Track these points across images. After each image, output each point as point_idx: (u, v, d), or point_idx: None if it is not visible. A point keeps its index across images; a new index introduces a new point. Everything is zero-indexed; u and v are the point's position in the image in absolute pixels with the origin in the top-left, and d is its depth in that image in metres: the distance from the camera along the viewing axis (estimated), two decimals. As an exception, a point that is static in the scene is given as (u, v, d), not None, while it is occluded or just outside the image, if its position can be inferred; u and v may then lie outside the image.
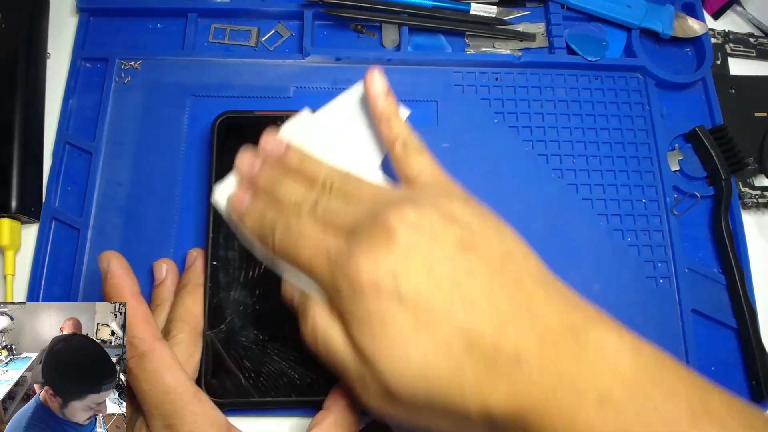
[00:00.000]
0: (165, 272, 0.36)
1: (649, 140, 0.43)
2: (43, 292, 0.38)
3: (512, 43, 0.45)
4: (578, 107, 0.44)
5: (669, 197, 0.42)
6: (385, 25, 0.45)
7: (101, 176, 0.40)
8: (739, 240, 0.41)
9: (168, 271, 0.36)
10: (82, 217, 0.39)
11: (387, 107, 0.33)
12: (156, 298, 0.35)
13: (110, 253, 0.31)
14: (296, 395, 0.34)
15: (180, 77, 0.43)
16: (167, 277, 0.36)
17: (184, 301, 0.34)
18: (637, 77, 0.45)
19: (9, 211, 0.38)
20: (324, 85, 0.43)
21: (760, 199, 0.43)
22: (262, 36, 0.45)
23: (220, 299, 0.35)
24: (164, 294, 0.35)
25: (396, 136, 0.32)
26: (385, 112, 0.33)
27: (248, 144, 0.38)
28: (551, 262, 0.39)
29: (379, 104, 0.33)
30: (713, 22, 0.49)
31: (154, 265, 0.36)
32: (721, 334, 0.39)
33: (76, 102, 0.42)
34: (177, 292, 0.35)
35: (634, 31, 0.46)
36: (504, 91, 0.44)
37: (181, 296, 0.35)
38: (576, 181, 0.42)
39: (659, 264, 0.40)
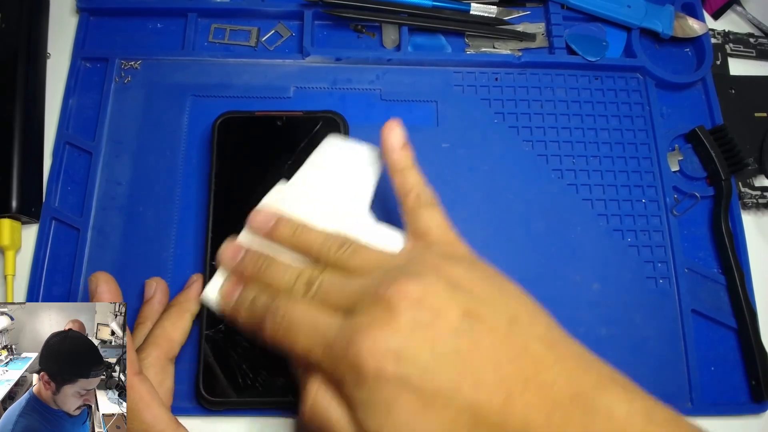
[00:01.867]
0: (153, 290, 0.36)
1: (649, 140, 0.43)
2: (43, 292, 0.38)
3: (512, 43, 0.45)
4: (578, 107, 0.44)
5: (669, 197, 0.42)
6: (385, 25, 0.45)
7: (101, 176, 0.40)
8: (738, 240, 0.41)
9: (156, 289, 0.36)
10: (82, 217, 0.39)
11: (403, 159, 0.32)
12: (139, 317, 0.35)
13: (100, 275, 0.31)
14: (293, 396, 0.33)
15: (180, 77, 0.43)
16: (155, 295, 0.35)
17: (163, 323, 0.33)
18: (637, 77, 0.45)
19: (9, 211, 0.38)
20: (324, 85, 0.43)
21: (760, 199, 0.43)
22: (262, 36, 0.45)
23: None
24: (147, 313, 0.35)
25: (410, 188, 0.32)
26: (400, 164, 0.32)
27: (248, 144, 0.38)
28: (551, 263, 0.40)
29: (395, 155, 0.33)
30: (713, 22, 0.49)
31: (145, 283, 0.36)
32: (721, 334, 0.39)
33: (76, 102, 0.42)
34: (163, 311, 0.35)
35: (634, 31, 0.46)
36: (504, 91, 0.44)
37: (162, 318, 0.34)
38: (576, 181, 0.42)
39: (659, 264, 0.40)
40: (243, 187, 0.37)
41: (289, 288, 0.29)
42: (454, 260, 0.28)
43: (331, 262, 0.30)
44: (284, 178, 0.35)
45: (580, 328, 0.38)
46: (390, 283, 0.26)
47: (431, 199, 0.32)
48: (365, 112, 0.42)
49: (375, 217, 0.33)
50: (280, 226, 0.32)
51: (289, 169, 0.37)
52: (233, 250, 0.32)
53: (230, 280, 0.32)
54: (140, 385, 0.29)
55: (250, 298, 0.30)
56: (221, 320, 0.34)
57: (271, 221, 0.32)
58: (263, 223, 0.32)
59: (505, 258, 0.39)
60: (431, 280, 0.26)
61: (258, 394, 0.33)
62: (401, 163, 0.32)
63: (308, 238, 0.31)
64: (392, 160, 0.33)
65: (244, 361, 0.34)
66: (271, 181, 0.37)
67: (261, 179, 0.37)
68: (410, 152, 0.33)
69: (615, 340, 0.38)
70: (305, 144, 0.38)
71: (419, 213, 0.31)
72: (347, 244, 0.30)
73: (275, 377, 0.34)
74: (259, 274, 0.31)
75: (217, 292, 0.32)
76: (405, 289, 0.26)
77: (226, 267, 0.32)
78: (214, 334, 0.34)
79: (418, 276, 0.26)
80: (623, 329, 0.38)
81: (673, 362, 0.38)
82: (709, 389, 0.38)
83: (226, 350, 0.34)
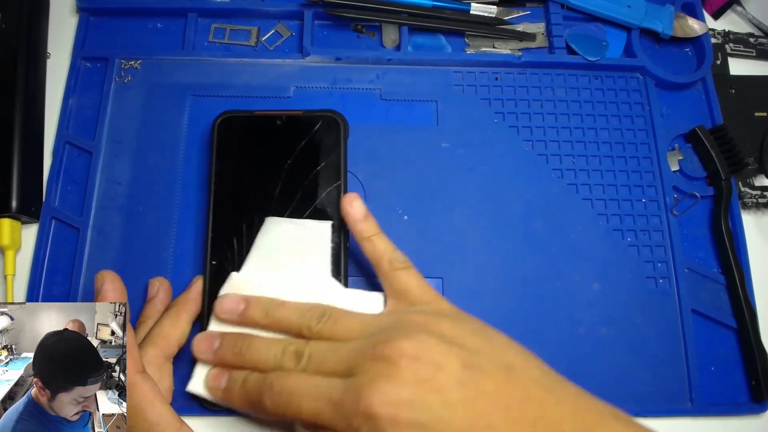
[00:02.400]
0: (156, 290, 0.35)
1: (649, 140, 0.43)
2: (43, 292, 0.38)
3: (512, 43, 0.45)
4: (578, 107, 0.44)
5: (669, 197, 0.42)
6: (385, 25, 0.45)
7: (101, 176, 0.40)
8: (738, 240, 0.41)
9: (159, 289, 0.35)
10: (82, 217, 0.39)
11: (368, 228, 0.34)
12: (142, 315, 0.35)
13: (106, 273, 0.31)
14: None
15: (180, 77, 0.43)
16: (157, 295, 0.35)
17: (163, 322, 0.33)
18: (637, 77, 0.45)
19: (9, 210, 0.38)
20: (324, 85, 0.43)
21: (760, 199, 0.43)
22: (262, 36, 0.45)
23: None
24: (149, 312, 0.35)
25: (382, 254, 0.33)
26: (367, 233, 0.33)
27: (248, 143, 0.38)
28: (551, 262, 0.40)
29: (360, 225, 0.34)
30: (713, 22, 0.49)
31: (149, 282, 0.36)
32: (721, 334, 0.39)
33: (76, 102, 0.42)
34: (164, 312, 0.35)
35: (634, 31, 0.46)
36: (504, 91, 0.44)
37: (162, 317, 0.34)
38: (576, 181, 0.42)
39: (659, 264, 0.40)
40: (243, 186, 0.37)
41: (277, 362, 0.29)
42: (440, 316, 0.29)
43: (315, 333, 0.30)
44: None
45: (580, 328, 0.38)
46: (385, 342, 0.27)
47: (405, 262, 0.33)
48: (365, 111, 0.42)
49: (341, 283, 0.34)
50: (251, 307, 0.32)
51: (288, 168, 0.37)
52: (208, 341, 0.32)
53: (212, 369, 0.31)
54: (143, 383, 0.29)
55: (240, 381, 0.30)
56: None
57: (240, 305, 0.32)
58: (232, 308, 0.32)
59: (506, 258, 0.39)
60: (423, 336, 0.27)
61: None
62: (368, 231, 0.34)
63: (283, 314, 0.31)
64: (358, 230, 0.34)
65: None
66: (270, 180, 0.37)
67: (261, 178, 0.37)
68: (373, 221, 0.34)
69: (615, 340, 0.38)
70: (305, 143, 0.38)
71: (395, 276, 0.32)
72: (327, 314, 0.30)
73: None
74: (241, 357, 0.30)
75: (202, 384, 0.31)
76: (400, 346, 0.27)
77: (204, 359, 0.32)
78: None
79: (410, 334, 0.27)
80: (623, 329, 0.38)
81: (673, 362, 0.38)
82: (709, 389, 0.38)
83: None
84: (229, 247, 0.36)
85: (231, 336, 0.31)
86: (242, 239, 0.35)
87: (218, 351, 0.31)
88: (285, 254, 0.34)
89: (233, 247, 0.35)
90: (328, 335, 0.30)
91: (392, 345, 0.27)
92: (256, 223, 0.36)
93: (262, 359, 0.30)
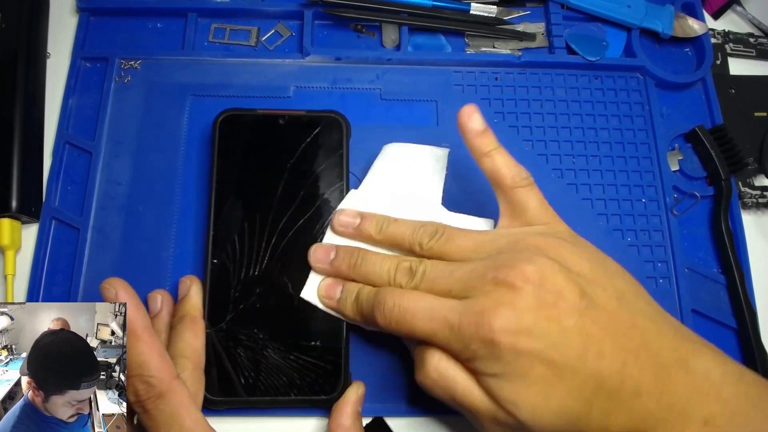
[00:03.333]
0: (160, 303, 0.35)
1: (649, 140, 0.43)
2: (43, 292, 0.38)
3: (512, 43, 0.45)
4: (578, 107, 0.44)
5: (669, 197, 0.42)
6: (385, 24, 0.45)
7: (101, 176, 0.40)
8: (738, 240, 0.41)
9: (163, 302, 0.35)
10: (82, 217, 0.39)
11: (488, 142, 0.33)
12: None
13: (116, 282, 0.29)
14: (296, 394, 0.34)
15: (180, 77, 0.43)
16: (162, 308, 0.35)
17: (184, 335, 0.33)
18: (637, 77, 0.45)
19: (9, 210, 0.38)
20: (324, 85, 0.43)
21: (760, 199, 0.43)
22: (262, 36, 0.45)
23: (221, 297, 0.35)
24: (159, 326, 0.34)
25: (502, 169, 0.32)
26: (487, 147, 0.32)
27: (249, 141, 0.38)
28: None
29: (479, 140, 0.32)
30: (713, 22, 0.49)
31: (149, 297, 0.35)
32: (721, 334, 0.39)
33: (76, 102, 0.42)
34: (174, 324, 0.34)
35: (634, 31, 0.46)
36: (504, 91, 0.44)
37: (179, 330, 0.33)
38: (576, 181, 0.42)
39: (659, 264, 0.40)
40: (243, 185, 0.37)
41: (390, 278, 0.30)
42: (558, 240, 0.30)
43: (426, 250, 0.30)
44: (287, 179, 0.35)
45: (580, 327, 0.38)
46: (509, 267, 0.27)
47: (527, 179, 0.32)
48: (365, 111, 0.42)
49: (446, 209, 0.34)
50: (366, 222, 0.32)
51: (290, 168, 0.37)
52: (324, 251, 0.33)
53: (326, 279, 0.33)
54: (180, 389, 0.28)
55: (354, 293, 0.31)
56: (223, 319, 0.34)
57: (356, 219, 0.33)
58: (348, 222, 0.33)
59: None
60: (545, 261, 0.28)
61: (261, 393, 0.33)
62: (488, 146, 0.32)
63: (397, 230, 0.31)
64: (477, 144, 0.33)
65: (246, 361, 0.34)
66: (272, 179, 0.37)
67: (262, 177, 0.37)
68: (492, 135, 0.33)
69: (615, 339, 0.38)
70: (307, 143, 0.38)
71: (516, 193, 0.32)
72: (439, 232, 0.31)
73: (278, 376, 0.34)
74: (355, 270, 0.31)
75: (315, 293, 0.33)
76: (524, 271, 0.27)
77: (320, 269, 0.33)
78: (216, 334, 0.34)
79: (532, 259, 0.28)
80: (623, 329, 0.38)
81: (673, 362, 0.38)
82: (709, 389, 0.38)
83: (229, 350, 0.34)
84: (230, 245, 0.36)
85: (346, 249, 0.32)
86: (243, 238, 0.36)
87: (334, 261, 0.32)
88: (401, 176, 0.35)
89: (234, 246, 0.35)
90: (439, 253, 0.30)
91: (515, 270, 0.27)
92: (257, 221, 0.36)
93: (377, 273, 0.30)
